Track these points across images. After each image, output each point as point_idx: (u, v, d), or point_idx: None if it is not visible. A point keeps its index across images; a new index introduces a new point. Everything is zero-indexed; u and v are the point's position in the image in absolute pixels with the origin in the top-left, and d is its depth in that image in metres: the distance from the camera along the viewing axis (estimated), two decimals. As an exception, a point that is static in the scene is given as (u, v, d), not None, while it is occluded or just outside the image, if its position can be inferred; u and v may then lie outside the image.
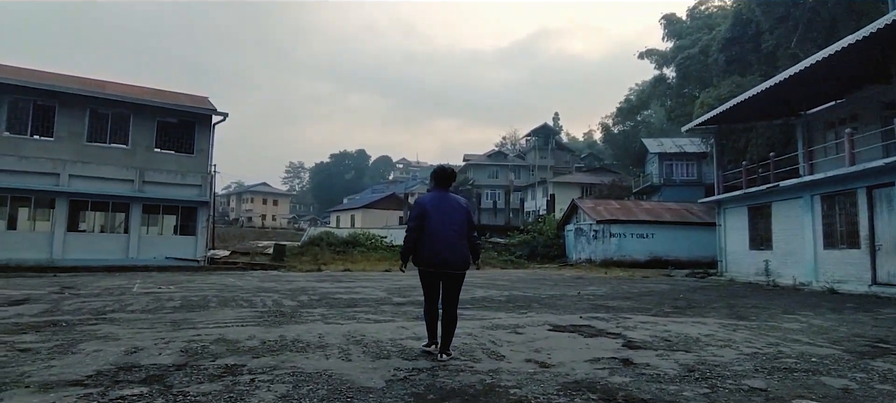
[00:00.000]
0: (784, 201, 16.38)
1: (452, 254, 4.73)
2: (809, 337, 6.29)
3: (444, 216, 4.78)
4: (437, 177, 5.07)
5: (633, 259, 26.14)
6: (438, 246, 4.70)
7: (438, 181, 5.05)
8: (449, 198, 4.93)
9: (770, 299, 11.42)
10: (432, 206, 4.81)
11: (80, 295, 10.13)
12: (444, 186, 5.03)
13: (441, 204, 4.84)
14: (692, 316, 8.31)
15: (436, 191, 5.01)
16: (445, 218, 4.77)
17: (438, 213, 4.78)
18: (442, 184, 5.03)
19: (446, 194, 4.97)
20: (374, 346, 5.27)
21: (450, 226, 4.76)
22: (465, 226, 4.87)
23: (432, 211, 4.78)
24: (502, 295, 11.16)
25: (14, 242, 20.34)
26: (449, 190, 5.07)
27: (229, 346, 5.14)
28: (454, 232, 4.77)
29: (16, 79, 21.04)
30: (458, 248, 4.77)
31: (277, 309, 8.19)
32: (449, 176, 5.09)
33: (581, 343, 5.66)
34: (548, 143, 65.02)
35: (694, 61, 36.25)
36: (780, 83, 15.06)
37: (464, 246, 4.85)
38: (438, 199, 4.89)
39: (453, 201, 4.93)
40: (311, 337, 5.68)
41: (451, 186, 5.11)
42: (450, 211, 4.83)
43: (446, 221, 4.76)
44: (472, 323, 7.05)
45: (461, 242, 4.82)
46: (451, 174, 5.14)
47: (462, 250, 4.82)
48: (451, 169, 5.19)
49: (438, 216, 4.77)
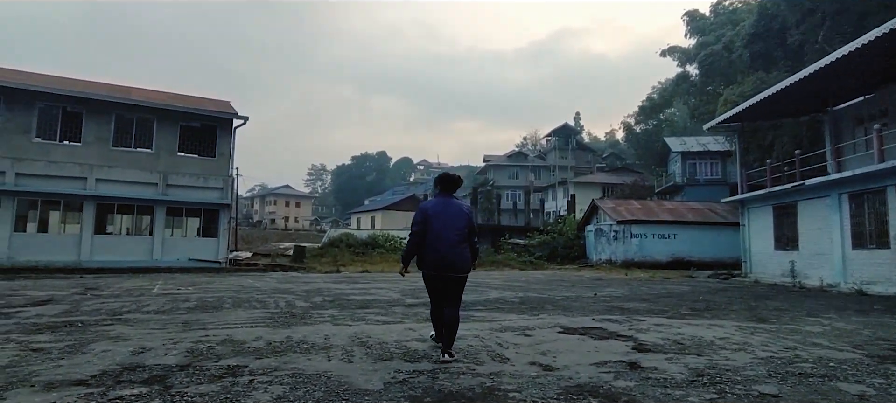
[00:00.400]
0: (810, 200, 15.88)
1: (454, 258, 4.84)
2: (830, 341, 6.05)
3: (447, 221, 4.87)
4: (442, 183, 5.17)
5: (654, 260, 25.67)
6: (441, 250, 4.81)
7: (443, 187, 5.15)
8: (452, 204, 5.01)
9: (794, 301, 11.07)
10: (435, 212, 4.91)
11: (101, 296, 10.37)
12: (448, 192, 5.12)
13: (444, 210, 4.93)
14: (709, 318, 8.09)
15: (440, 196, 5.11)
16: (448, 224, 4.86)
17: (441, 218, 4.87)
18: (446, 189, 5.12)
19: (449, 200, 5.05)
20: (379, 348, 5.25)
21: (452, 231, 4.85)
22: (467, 231, 4.96)
23: (435, 217, 4.88)
24: (516, 297, 11.06)
25: (44, 244, 21.01)
26: (453, 195, 5.14)
27: (235, 347, 5.18)
28: (456, 237, 4.86)
29: (46, 86, 21.75)
30: (459, 252, 4.88)
31: (289, 310, 8.25)
32: (454, 182, 5.15)
33: (589, 346, 5.54)
34: (568, 143, 64.43)
35: (717, 58, 35.48)
36: (806, 78, 14.61)
37: (465, 250, 4.95)
38: (442, 205, 4.98)
39: (456, 207, 5.00)
40: (317, 339, 5.69)
41: (454, 192, 5.17)
42: (452, 216, 4.91)
43: (449, 226, 4.86)
44: (480, 325, 6.99)
45: (463, 246, 4.91)
46: (456, 180, 5.19)
47: (463, 254, 4.92)
48: (455, 175, 5.23)
49: (441, 221, 4.86)
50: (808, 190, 15.74)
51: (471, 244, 5.05)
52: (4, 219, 20.57)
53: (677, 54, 51.04)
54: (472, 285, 14.67)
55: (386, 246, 31.63)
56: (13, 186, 20.64)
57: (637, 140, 62.34)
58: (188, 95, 27.50)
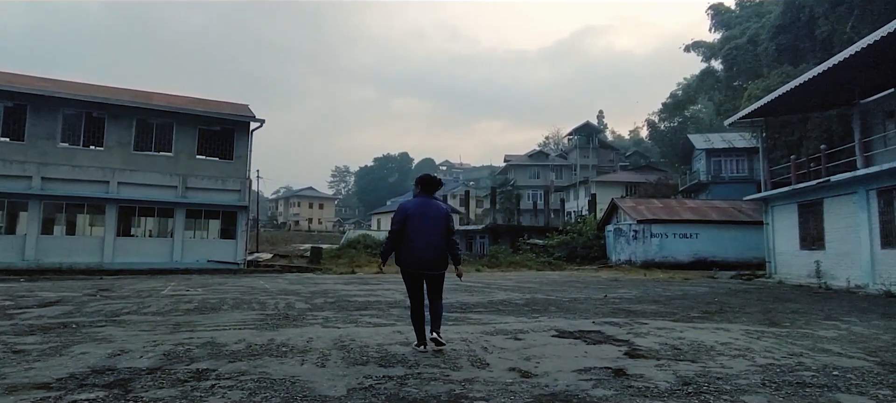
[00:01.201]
0: (837, 197, 15.18)
1: (431, 256, 5.05)
2: (842, 347, 5.67)
3: (425, 220, 5.06)
4: (422, 184, 5.33)
5: (676, 260, 25.00)
6: (419, 248, 5.01)
7: (423, 187, 5.30)
8: (431, 204, 5.18)
9: (815, 303, 10.55)
10: (414, 211, 5.09)
11: (109, 297, 10.52)
12: (428, 193, 5.28)
13: (423, 210, 5.11)
14: (719, 321, 7.73)
15: (420, 196, 5.27)
16: (426, 223, 5.05)
17: (420, 218, 5.06)
18: (426, 190, 5.28)
19: (429, 200, 5.22)
20: (358, 351, 5.11)
21: (430, 230, 5.05)
22: (444, 230, 5.14)
23: (414, 216, 5.06)
24: (522, 299, 10.81)
25: (69, 247, 21.59)
26: (433, 196, 5.29)
27: (214, 350, 5.11)
28: (434, 236, 5.06)
29: (70, 93, 22.36)
30: (436, 250, 5.08)
31: (286, 312, 8.20)
32: (433, 183, 5.32)
33: (579, 351, 5.30)
34: (590, 142, 63.50)
35: (742, 51, 34.47)
36: (832, 68, 13.97)
37: (443, 248, 5.13)
38: (421, 205, 5.15)
39: (434, 207, 5.18)
40: (299, 342, 5.58)
41: (434, 193, 5.33)
42: (431, 215, 5.09)
43: (427, 225, 5.05)
44: (474, 328, 6.80)
45: (440, 245, 5.10)
46: (436, 182, 5.36)
47: (441, 252, 5.12)
48: (435, 177, 5.41)
49: (420, 220, 5.04)
50: (835, 186, 15.05)
51: (449, 243, 5.19)
52: (32, 222, 21.23)
53: (702, 49, 49.87)
54: (480, 286, 14.48)
55: (403, 247, 31.63)
56: (40, 190, 21.27)
57: (661, 138, 61.11)
58: (207, 99, 27.95)
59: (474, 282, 16.29)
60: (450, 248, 5.20)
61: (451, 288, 13.54)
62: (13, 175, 21.06)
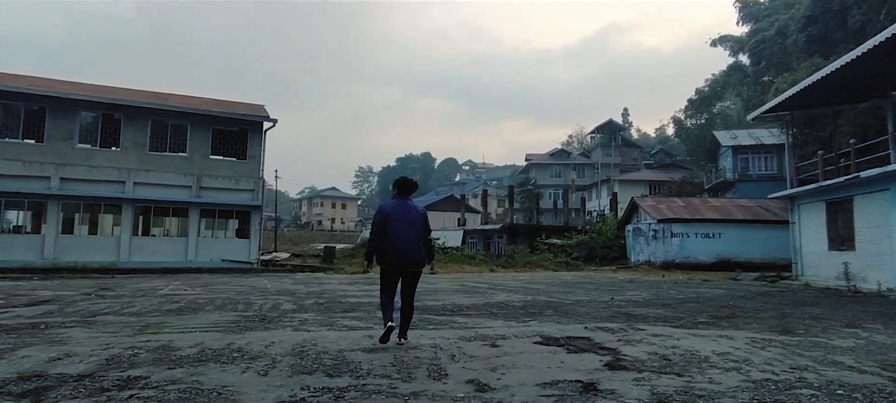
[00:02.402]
0: (868, 194, 14.22)
1: (410, 254, 5.33)
2: (856, 359, 5.07)
3: (404, 221, 5.32)
4: (399, 186, 5.59)
5: (697, 260, 24.03)
6: (399, 247, 5.26)
7: (400, 190, 5.56)
8: (408, 206, 5.46)
9: (839, 308, 9.78)
10: (393, 212, 5.35)
11: (104, 296, 10.45)
12: (404, 194, 5.55)
13: (401, 211, 5.38)
14: (725, 328, 7.14)
15: (397, 198, 5.53)
16: (405, 223, 5.31)
17: (399, 219, 5.31)
18: (403, 192, 5.55)
19: (406, 202, 5.49)
20: (313, 358, 4.75)
21: (409, 230, 5.31)
22: (422, 230, 5.42)
23: (393, 217, 5.32)
24: (522, 301, 10.34)
25: (86, 246, 21.93)
26: (409, 198, 5.58)
27: (162, 355, 4.82)
28: (412, 235, 5.32)
29: (87, 95, 22.70)
30: (415, 249, 5.35)
31: (267, 313, 7.93)
32: (409, 185, 5.59)
33: (555, 361, 4.84)
34: (613, 140, 62.19)
35: (770, 44, 33.11)
36: (860, 57, 13.07)
37: (421, 247, 5.41)
38: (400, 206, 5.42)
39: (412, 208, 5.47)
40: (257, 347, 5.26)
41: (411, 195, 5.61)
42: (409, 216, 5.36)
43: (406, 226, 5.31)
44: (452, 332, 6.39)
45: (418, 244, 5.38)
46: (412, 184, 5.62)
47: (419, 251, 5.40)
48: (411, 180, 5.68)
49: (399, 221, 5.30)
50: (865, 183, 14.10)
51: (426, 242, 5.48)
52: (51, 222, 21.62)
53: (729, 43, 48.27)
54: (485, 287, 14.01)
55: (418, 247, 31.27)
56: (58, 190, 21.64)
57: (688, 135, 59.40)
58: (223, 100, 28.13)
59: (481, 283, 15.84)
60: (427, 247, 5.50)
61: (451, 290, 13.16)
62: (33, 175, 21.47)
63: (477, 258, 29.94)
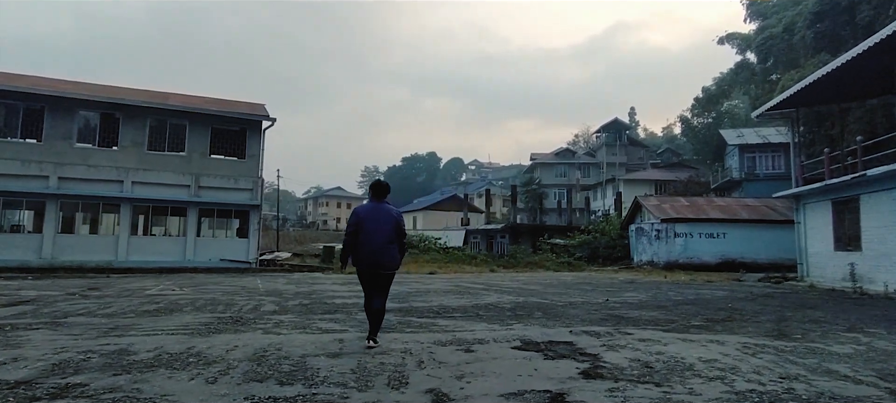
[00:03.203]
0: (875, 193, 13.80)
1: (383, 257, 5.39)
2: (853, 367, 4.74)
3: (377, 224, 5.40)
4: (373, 190, 5.71)
5: (701, 261, 23.58)
6: (371, 249, 5.35)
7: (374, 193, 5.67)
8: (382, 208, 5.54)
9: (843, 311, 9.41)
10: (367, 215, 5.45)
11: (89, 297, 10.28)
12: (378, 198, 5.63)
13: (374, 214, 5.47)
14: (719, 332, 6.81)
15: (371, 201, 5.65)
16: (377, 226, 5.39)
17: (371, 221, 5.40)
18: (377, 195, 5.64)
19: (380, 205, 5.58)
20: (271, 364, 4.50)
21: (381, 233, 5.38)
22: (394, 233, 5.47)
23: (367, 220, 5.41)
24: (512, 303, 10.04)
25: (84, 245, 21.85)
26: (385, 200, 5.65)
27: (114, 360, 4.59)
28: (385, 238, 5.38)
29: (85, 94, 22.63)
30: (387, 251, 5.41)
31: (244, 314, 7.69)
32: (383, 189, 5.69)
33: (528, 368, 4.56)
34: (619, 139, 61.62)
35: (777, 41, 32.51)
36: (869, 50, 12.74)
37: (393, 249, 5.46)
38: (373, 209, 5.53)
39: (385, 211, 5.53)
40: (218, 351, 5.02)
41: (384, 198, 5.67)
42: (381, 219, 5.43)
43: (379, 228, 5.38)
44: (428, 336, 6.12)
45: (391, 246, 5.43)
46: (385, 187, 5.73)
47: (391, 253, 5.45)
48: (385, 183, 5.80)
49: (372, 224, 5.39)
50: (872, 181, 13.67)
51: (399, 244, 5.53)
52: (49, 221, 21.55)
53: (736, 41, 47.64)
54: (478, 288, 13.69)
55: (419, 247, 31.02)
56: (56, 190, 21.57)
57: (695, 134, 58.75)
58: (223, 99, 28.02)
59: (477, 284, 15.55)
60: (400, 248, 5.56)
61: (444, 290, 12.89)
62: (31, 175, 21.42)
63: (478, 258, 29.64)
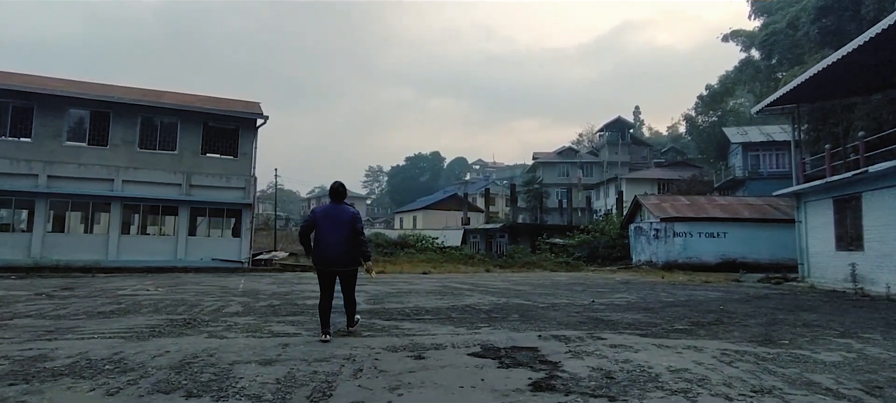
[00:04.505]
0: (877, 191, 13.26)
1: (338, 255, 5.63)
2: (838, 378, 4.29)
3: (334, 224, 5.64)
4: (331, 192, 5.93)
5: (701, 261, 23.04)
6: (327, 249, 5.62)
7: (332, 195, 5.89)
8: (338, 209, 5.76)
9: (839, 314, 8.91)
10: (323, 216, 5.70)
11: (54, 297, 9.96)
12: (336, 200, 5.84)
13: (331, 214, 5.71)
14: (701, 337, 6.36)
15: (329, 203, 5.85)
16: (333, 226, 5.63)
17: (327, 221, 5.65)
18: (335, 198, 5.86)
19: (337, 206, 5.80)
20: (191, 373, 4.11)
21: (337, 233, 5.62)
22: (351, 232, 5.67)
23: (322, 220, 5.67)
24: (492, 304, 9.61)
25: (74, 244, 21.60)
26: (344, 202, 5.89)
27: (23, 367, 4.21)
28: (340, 238, 5.62)
29: (75, 92, 22.41)
30: (343, 250, 5.64)
31: (201, 315, 7.31)
32: (339, 191, 5.89)
33: (475, 379, 4.14)
34: (622, 138, 60.98)
35: (780, 37, 31.85)
36: (872, 42, 12.14)
37: (350, 248, 5.68)
38: (331, 210, 5.75)
39: (342, 211, 5.75)
40: (144, 357, 4.64)
41: (342, 200, 5.88)
42: (337, 219, 5.66)
43: (335, 228, 5.62)
44: (386, 340, 5.71)
45: (347, 245, 5.65)
46: (342, 190, 5.93)
47: (348, 251, 5.67)
48: (341, 186, 5.96)
49: (328, 224, 5.64)
50: (875, 178, 13.13)
51: (357, 242, 5.73)
52: (38, 220, 21.33)
53: (741, 38, 46.93)
54: (465, 288, 13.19)
55: (416, 247, 30.64)
56: (46, 188, 21.36)
57: (699, 133, 57.99)
58: (217, 97, 27.74)
59: (465, 284, 15.13)
60: (358, 247, 5.73)
61: (427, 291, 12.48)
62: (20, 173, 21.22)
63: (475, 258, 29.23)
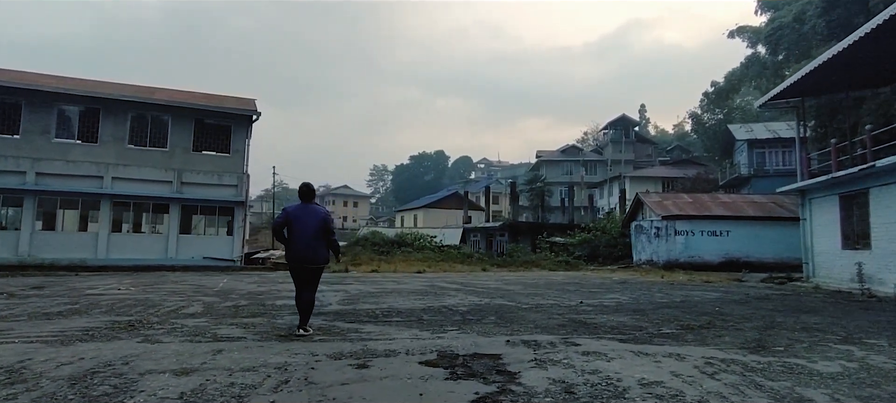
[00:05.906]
0: (885, 186, 12.61)
1: (308, 253, 5.80)
2: (833, 394, 3.73)
3: (305, 223, 5.78)
4: (300, 192, 6.06)
5: (703, 260, 22.36)
6: (299, 247, 5.77)
7: (302, 195, 6.02)
8: (309, 209, 5.90)
9: (842, 316, 8.31)
10: (295, 215, 5.81)
11: (16, 297, 9.53)
12: (306, 199, 5.98)
13: (303, 213, 5.83)
14: (687, 343, 5.81)
15: (301, 203, 5.94)
16: (305, 225, 5.77)
17: (300, 221, 5.78)
18: (304, 197, 5.99)
19: (308, 205, 5.94)
20: (89, 384, 3.61)
21: (308, 231, 5.77)
22: (321, 231, 5.84)
23: (295, 219, 5.79)
24: (472, 305, 9.08)
25: (63, 242, 21.26)
26: (312, 201, 6.03)
27: None
28: (311, 236, 5.78)
29: (63, 88, 22.08)
30: (313, 248, 5.81)
31: (151, 317, 6.84)
32: (309, 191, 6.05)
33: (412, 393, 3.61)
34: (627, 136, 60.21)
35: (787, 31, 31.03)
36: (877, 31, 11.56)
37: (320, 246, 5.87)
38: (301, 210, 5.87)
39: (312, 210, 5.91)
40: (47, 366, 4.15)
41: (312, 199, 6.05)
42: (308, 218, 5.80)
43: (306, 227, 5.77)
44: (334, 345, 5.20)
45: (317, 243, 5.83)
46: (311, 191, 6.09)
47: (318, 250, 5.86)
48: (311, 187, 6.12)
49: (300, 223, 5.77)
50: (882, 173, 12.48)
51: (328, 241, 5.94)
52: (26, 218, 21.01)
53: (747, 34, 45.99)
54: (447, 289, 12.63)
55: (413, 246, 30.07)
56: (34, 186, 21.04)
57: (705, 131, 57.15)
58: (210, 93, 27.36)
59: (454, 284, 14.60)
60: (329, 245, 5.96)
61: (410, 291, 12.00)
62: (7, 170, 20.89)
63: (474, 257, 28.67)
